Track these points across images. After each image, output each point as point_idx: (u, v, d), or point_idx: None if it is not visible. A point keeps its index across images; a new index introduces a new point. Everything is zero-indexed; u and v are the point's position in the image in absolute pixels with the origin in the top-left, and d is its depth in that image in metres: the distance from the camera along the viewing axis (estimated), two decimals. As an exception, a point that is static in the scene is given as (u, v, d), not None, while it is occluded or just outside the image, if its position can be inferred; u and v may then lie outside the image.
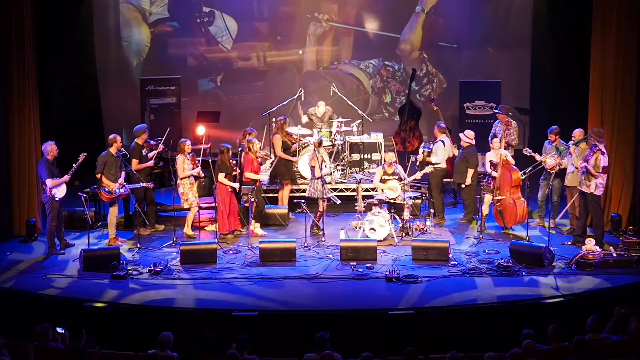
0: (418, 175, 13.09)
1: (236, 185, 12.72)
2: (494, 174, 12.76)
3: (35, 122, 13.22)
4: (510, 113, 14.03)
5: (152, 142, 13.30)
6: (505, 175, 12.75)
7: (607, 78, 12.92)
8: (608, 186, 12.58)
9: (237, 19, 17.98)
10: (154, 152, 13.17)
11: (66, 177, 12.00)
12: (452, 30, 17.91)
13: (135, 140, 13.04)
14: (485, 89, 16.34)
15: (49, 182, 11.88)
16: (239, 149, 13.31)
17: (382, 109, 18.36)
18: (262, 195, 13.43)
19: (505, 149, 13.03)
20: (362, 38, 18.15)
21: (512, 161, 12.86)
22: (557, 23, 16.78)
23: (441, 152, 13.42)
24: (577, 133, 12.51)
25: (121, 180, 12.35)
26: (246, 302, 10.31)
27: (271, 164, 13.90)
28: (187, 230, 12.81)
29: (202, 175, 13.09)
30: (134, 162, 12.88)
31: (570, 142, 12.47)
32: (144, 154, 13.06)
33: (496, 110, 14.18)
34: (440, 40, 18.02)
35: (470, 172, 13.21)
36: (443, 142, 13.48)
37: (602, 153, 11.76)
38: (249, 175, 12.64)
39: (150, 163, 13.11)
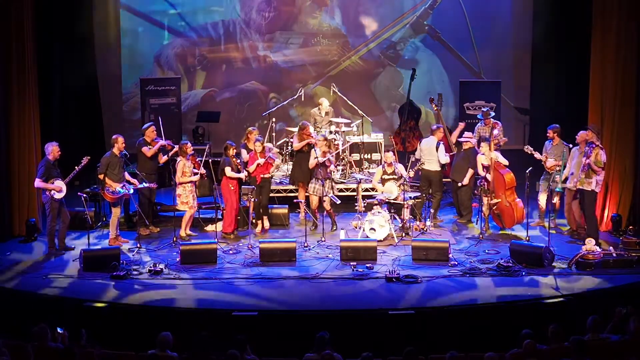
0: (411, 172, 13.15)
1: (242, 175, 12.71)
2: (488, 176, 12.75)
3: (35, 122, 13.22)
4: (491, 113, 13.98)
5: (160, 141, 13.25)
6: (498, 178, 12.69)
7: (607, 78, 12.92)
8: (607, 186, 12.57)
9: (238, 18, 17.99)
10: (171, 152, 13.17)
11: (59, 184, 11.92)
12: (453, 30, 17.88)
13: (143, 137, 13.06)
14: (485, 89, 16.33)
15: (37, 181, 11.89)
16: (241, 147, 13.35)
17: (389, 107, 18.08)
18: (270, 193, 13.47)
19: (495, 150, 13.00)
20: (363, 37, 18.07)
21: (505, 162, 12.80)
22: (557, 23, 16.77)
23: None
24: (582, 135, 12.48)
25: (128, 177, 12.47)
26: (246, 302, 10.31)
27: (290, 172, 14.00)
28: (182, 232, 12.74)
29: (205, 175, 13.00)
30: (145, 149, 12.89)
31: (574, 145, 12.44)
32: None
33: (479, 117, 14.19)
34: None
35: (470, 172, 13.21)
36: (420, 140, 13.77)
37: (601, 148, 11.82)
38: (250, 169, 12.69)
39: (162, 156, 13.14)
